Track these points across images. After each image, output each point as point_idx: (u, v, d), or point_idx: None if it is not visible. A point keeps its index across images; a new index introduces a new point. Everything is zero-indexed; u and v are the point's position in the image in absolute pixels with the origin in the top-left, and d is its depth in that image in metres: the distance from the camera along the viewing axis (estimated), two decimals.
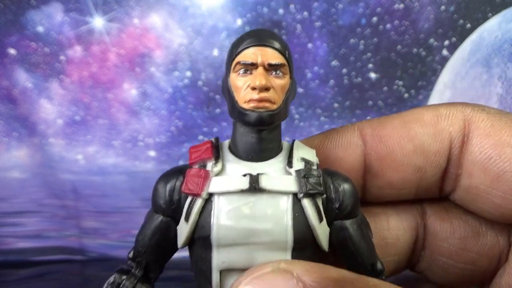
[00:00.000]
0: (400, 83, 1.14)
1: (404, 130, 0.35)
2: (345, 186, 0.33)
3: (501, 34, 1.00)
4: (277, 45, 0.32)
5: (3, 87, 1.11)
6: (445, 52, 1.11)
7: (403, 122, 0.36)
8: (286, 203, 0.31)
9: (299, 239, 0.31)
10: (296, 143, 0.35)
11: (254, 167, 0.33)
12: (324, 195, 0.32)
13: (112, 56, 1.11)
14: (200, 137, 1.16)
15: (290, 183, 0.32)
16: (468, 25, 1.09)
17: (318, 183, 0.32)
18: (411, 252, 0.39)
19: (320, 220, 0.32)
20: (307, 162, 0.34)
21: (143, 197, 1.19)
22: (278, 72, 0.32)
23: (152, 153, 1.18)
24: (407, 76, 1.13)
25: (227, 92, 0.33)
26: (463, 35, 1.08)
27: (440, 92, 1.12)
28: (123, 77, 1.13)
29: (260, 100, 0.31)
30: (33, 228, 1.20)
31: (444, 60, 1.11)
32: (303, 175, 0.32)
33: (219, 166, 0.33)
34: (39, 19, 1.09)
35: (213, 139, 0.35)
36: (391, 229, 0.38)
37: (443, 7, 1.09)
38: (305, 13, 1.11)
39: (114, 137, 1.17)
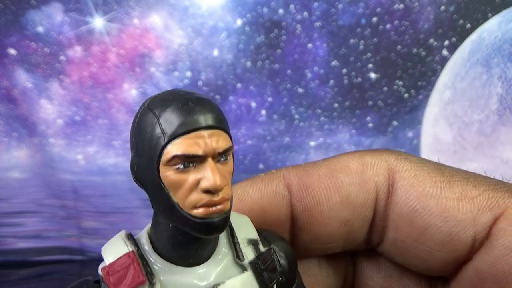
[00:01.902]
0: (400, 83, 1.14)
1: (330, 179, 0.33)
2: (288, 253, 0.29)
3: (501, 34, 1.00)
4: (220, 121, 0.24)
5: (3, 87, 1.12)
6: (445, 52, 1.11)
7: (330, 170, 0.34)
8: None
9: None
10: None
11: (201, 274, 0.25)
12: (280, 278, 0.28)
13: (112, 56, 1.11)
14: None
15: (252, 284, 0.26)
16: (468, 25, 1.09)
17: (274, 268, 0.27)
18: None
19: None
20: (253, 244, 0.27)
21: (143, 197, 1.18)
22: (225, 157, 0.24)
23: None
24: (407, 76, 1.13)
25: (156, 189, 0.24)
26: (463, 35, 1.08)
27: (440, 92, 1.12)
28: (123, 77, 1.13)
29: (220, 203, 0.23)
30: (33, 228, 1.20)
31: (444, 60, 1.11)
32: (261, 268, 0.27)
33: (164, 286, 0.24)
34: (39, 19, 1.09)
35: (129, 244, 0.26)
36: (321, 274, 0.38)
37: (443, 7, 1.09)
38: (305, 13, 1.11)
39: (114, 137, 1.17)
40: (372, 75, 1.14)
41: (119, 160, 1.19)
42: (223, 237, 0.27)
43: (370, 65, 1.13)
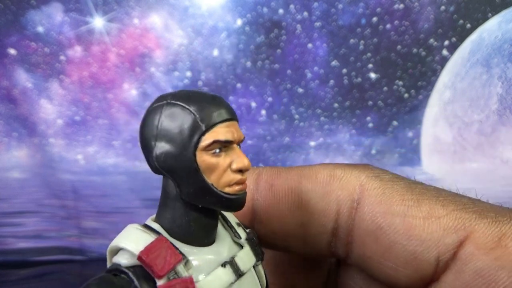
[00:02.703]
0: (400, 83, 1.14)
1: (296, 183, 0.35)
2: (255, 231, 0.33)
3: (501, 34, 1.00)
4: (236, 116, 0.28)
5: (3, 87, 1.12)
6: (445, 52, 1.11)
7: (299, 176, 0.35)
8: (255, 277, 0.31)
9: None
10: None
11: (216, 251, 0.29)
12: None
13: (112, 56, 1.11)
14: None
15: (251, 256, 0.31)
16: (468, 25, 1.09)
17: (259, 243, 0.32)
18: None
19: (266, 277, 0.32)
20: (241, 226, 0.32)
21: (143, 197, 1.19)
22: (239, 145, 0.28)
23: None
24: (407, 76, 1.13)
25: (190, 173, 0.26)
26: (463, 35, 1.09)
27: (440, 92, 1.12)
28: (123, 77, 1.13)
29: (243, 182, 0.27)
30: (33, 228, 1.20)
31: (444, 60, 1.11)
32: (255, 243, 0.31)
33: (191, 266, 0.27)
34: (39, 19, 1.09)
35: (150, 232, 0.27)
36: (305, 261, 0.40)
37: (443, 7, 1.09)
38: (305, 13, 1.11)
39: (114, 137, 1.17)
40: (372, 75, 1.14)
41: (119, 160, 1.19)
42: (219, 223, 0.31)
43: (370, 65, 1.13)
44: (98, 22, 1.09)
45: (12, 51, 1.10)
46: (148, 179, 1.18)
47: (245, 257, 0.30)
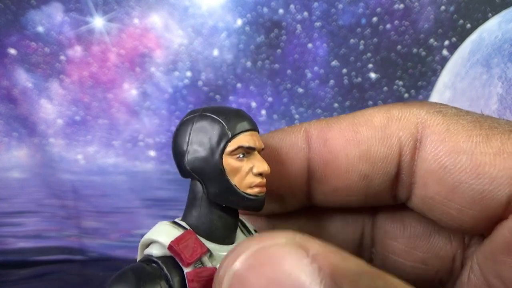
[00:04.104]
0: (400, 83, 1.14)
1: (351, 133, 0.32)
2: None
3: (501, 34, 1.00)
4: (257, 128, 0.32)
5: (3, 87, 1.12)
6: (445, 52, 1.11)
7: (352, 124, 0.33)
8: None
9: None
10: None
11: None
12: None
13: (112, 56, 1.11)
14: None
15: None
16: (468, 25, 1.09)
17: None
18: (358, 250, 0.37)
19: None
20: (256, 231, 0.34)
21: (143, 197, 1.19)
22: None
23: (152, 153, 1.18)
24: (407, 76, 1.13)
25: (217, 175, 0.30)
26: (463, 35, 1.08)
27: (440, 92, 1.12)
28: (123, 77, 1.13)
29: (263, 185, 0.31)
30: (33, 228, 1.20)
31: (444, 60, 1.11)
32: None
33: (216, 259, 0.30)
34: (39, 19, 1.09)
35: (179, 228, 0.31)
36: (336, 227, 0.37)
37: (443, 7, 1.09)
38: (305, 13, 1.11)
39: (114, 137, 1.17)
40: (372, 75, 1.14)
41: (119, 160, 1.19)
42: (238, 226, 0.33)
43: (370, 65, 1.13)
44: (98, 22, 1.09)
45: (12, 51, 1.10)
46: (148, 179, 1.18)
47: None
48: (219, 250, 0.30)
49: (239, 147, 0.30)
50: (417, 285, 0.35)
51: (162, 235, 0.30)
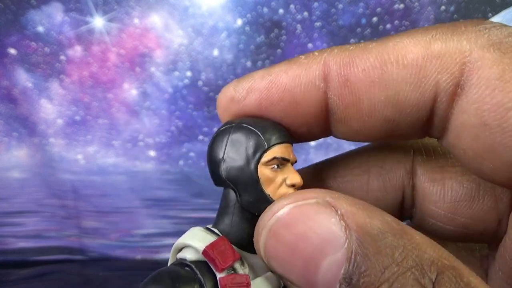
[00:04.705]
0: None
1: (378, 72, 0.27)
2: None
3: None
4: (292, 141, 0.32)
5: (3, 87, 1.12)
6: None
7: (380, 60, 0.27)
8: None
9: None
10: None
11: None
12: None
13: (112, 56, 1.12)
14: (200, 137, 1.17)
15: (274, 281, 0.32)
16: None
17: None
18: (398, 212, 0.35)
19: None
20: None
21: (143, 197, 1.19)
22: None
23: (152, 153, 1.18)
24: None
25: (252, 184, 0.31)
26: None
27: None
28: (123, 77, 1.13)
29: None
30: (33, 228, 1.20)
31: None
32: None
33: (247, 267, 0.30)
34: (39, 19, 1.09)
35: (212, 234, 0.31)
36: (369, 191, 0.34)
37: (443, 7, 1.09)
38: (305, 13, 1.11)
39: (114, 137, 1.17)
40: None
41: (119, 160, 1.19)
42: None
43: None
44: (98, 22, 1.09)
45: (12, 51, 1.10)
46: (148, 179, 1.18)
47: (270, 278, 0.31)
48: (249, 258, 0.31)
49: (274, 158, 0.30)
50: (457, 245, 0.34)
51: (196, 240, 0.30)
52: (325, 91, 0.29)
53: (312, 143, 1.19)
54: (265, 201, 0.30)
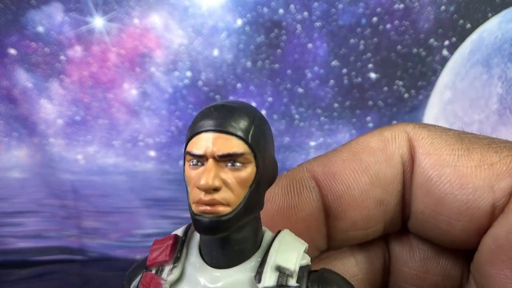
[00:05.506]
0: (400, 83, 1.14)
1: (355, 162, 0.32)
2: None
3: (501, 34, 1.00)
4: (236, 129, 0.24)
5: (3, 87, 1.12)
6: (445, 52, 1.11)
7: (352, 153, 0.32)
8: None
9: None
10: (280, 238, 0.27)
11: (216, 278, 0.26)
12: None
13: (112, 56, 1.12)
14: None
15: None
16: (468, 25, 1.09)
17: None
18: (381, 280, 0.37)
19: None
20: (282, 273, 0.25)
21: (143, 197, 1.19)
22: (235, 163, 0.24)
23: (152, 153, 1.18)
24: (407, 76, 1.13)
25: (185, 184, 0.26)
26: (463, 35, 1.08)
27: (440, 92, 1.12)
28: (123, 77, 1.13)
29: (209, 204, 0.24)
30: (33, 228, 1.20)
31: (444, 60, 1.11)
32: None
33: (175, 273, 0.26)
34: (39, 19, 1.09)
35: (180, 231, 0.28)
36: (359, 264, 0.36)
37: (443, 7, 1.09)
38: (305, 13, 1.11)
39: (114, 137, 1.17)
40: (372, 75, 1.14)
41: (119, 160, 1.19)
42: (259, 255, 0.27)
43: (370, 65, 1.13)
44: (98, 22, 1.09)
45: (12, 51, 1.10)
46: (148, 179, 1.18)
47: None
48: (197, 269, 0.26)
49: (187, 153, 0.24)
50: None
51: (177, 231, 0.28)
52: (318, 191, 0.33)
53: (312, 143, 1.19)
54: (189, 207, 0.25)
